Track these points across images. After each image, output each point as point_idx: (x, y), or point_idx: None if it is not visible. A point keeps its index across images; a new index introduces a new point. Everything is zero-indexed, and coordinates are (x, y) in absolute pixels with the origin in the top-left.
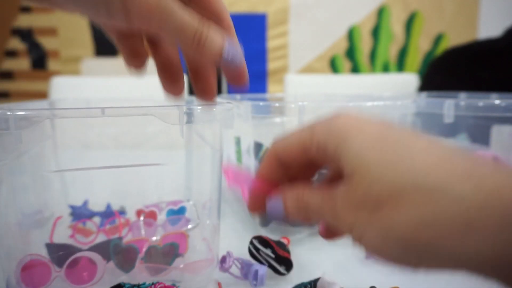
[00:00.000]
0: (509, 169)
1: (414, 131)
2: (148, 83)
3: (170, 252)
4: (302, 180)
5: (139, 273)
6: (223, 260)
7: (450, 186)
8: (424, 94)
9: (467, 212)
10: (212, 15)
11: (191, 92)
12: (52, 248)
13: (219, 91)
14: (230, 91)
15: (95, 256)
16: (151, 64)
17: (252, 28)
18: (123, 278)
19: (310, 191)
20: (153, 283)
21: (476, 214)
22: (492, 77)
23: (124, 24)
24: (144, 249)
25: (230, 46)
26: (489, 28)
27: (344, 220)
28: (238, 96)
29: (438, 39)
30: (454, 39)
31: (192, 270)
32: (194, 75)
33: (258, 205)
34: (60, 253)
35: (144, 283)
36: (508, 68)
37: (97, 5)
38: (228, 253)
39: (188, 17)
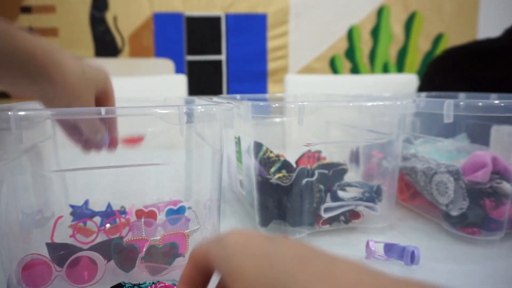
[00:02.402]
0: None
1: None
2: (148, 84)
3: (170, 252)
4: None
5: (140, 273)
6: None
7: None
8: (423, 94)
9: None
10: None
11: (191, 92)
12: (53, 247)
13: (219, 91)
14: (230, 91)
15: (96, 256)
16: (148, 64)
17: (252, 28)
18: (124, 277)
19: None
20: (153, 283)
21: None
22: (491, 77)
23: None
24: (144, 249)
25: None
26: (488, 28)
27: None
28: (238, 96)
29: (437, 39)
30: (454, 39)
31: None
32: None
33: None
34: (61, 253)
35: (144, 283)
36: (508, 68)
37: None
38: None
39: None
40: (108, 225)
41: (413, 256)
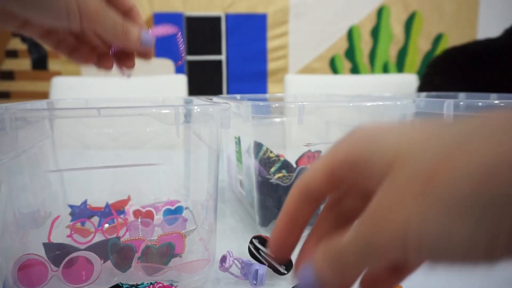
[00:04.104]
0: None
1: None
2: (148, 84)
3: (166, 252)
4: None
5: (136, 273)
6: (223, 259)
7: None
8: (423, 94)
9: None
10: (126, 12)
11: (191, 92)
12: (50, 247)
13: (219, 91)
14: (230, 91)
15: (92, 256)
16: (148, 64)
17: (252, 28)
18: (120, 277)
19: (339, 235)
20: (151, 283)
21: None
22: (491, 77)
23: (74, 26)
24: (141, 249)
25: (145, 35)
26: (488, 29)
27: (390, 225)
28: (238, 96)
29: (437, 39)
30: (454, 39)
31: (188, 270)
32: (118, 54)
33: (284, 253)
34: (57, 253)
35: (142, 283)
36: (508, 68)
37: (50, 9)
38: (228, 252)
39: (117, 18)
40: (106, 225)
41: None
